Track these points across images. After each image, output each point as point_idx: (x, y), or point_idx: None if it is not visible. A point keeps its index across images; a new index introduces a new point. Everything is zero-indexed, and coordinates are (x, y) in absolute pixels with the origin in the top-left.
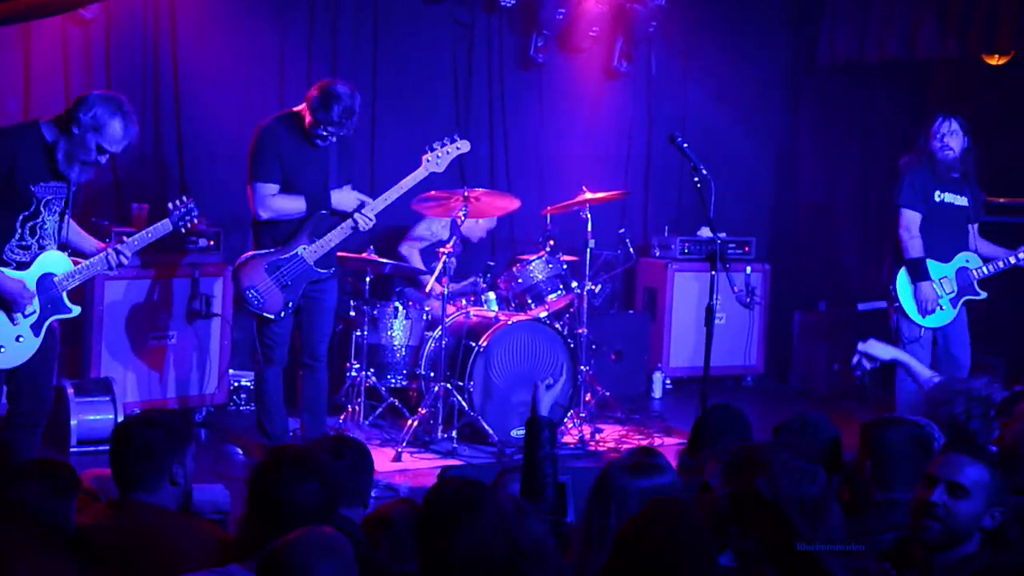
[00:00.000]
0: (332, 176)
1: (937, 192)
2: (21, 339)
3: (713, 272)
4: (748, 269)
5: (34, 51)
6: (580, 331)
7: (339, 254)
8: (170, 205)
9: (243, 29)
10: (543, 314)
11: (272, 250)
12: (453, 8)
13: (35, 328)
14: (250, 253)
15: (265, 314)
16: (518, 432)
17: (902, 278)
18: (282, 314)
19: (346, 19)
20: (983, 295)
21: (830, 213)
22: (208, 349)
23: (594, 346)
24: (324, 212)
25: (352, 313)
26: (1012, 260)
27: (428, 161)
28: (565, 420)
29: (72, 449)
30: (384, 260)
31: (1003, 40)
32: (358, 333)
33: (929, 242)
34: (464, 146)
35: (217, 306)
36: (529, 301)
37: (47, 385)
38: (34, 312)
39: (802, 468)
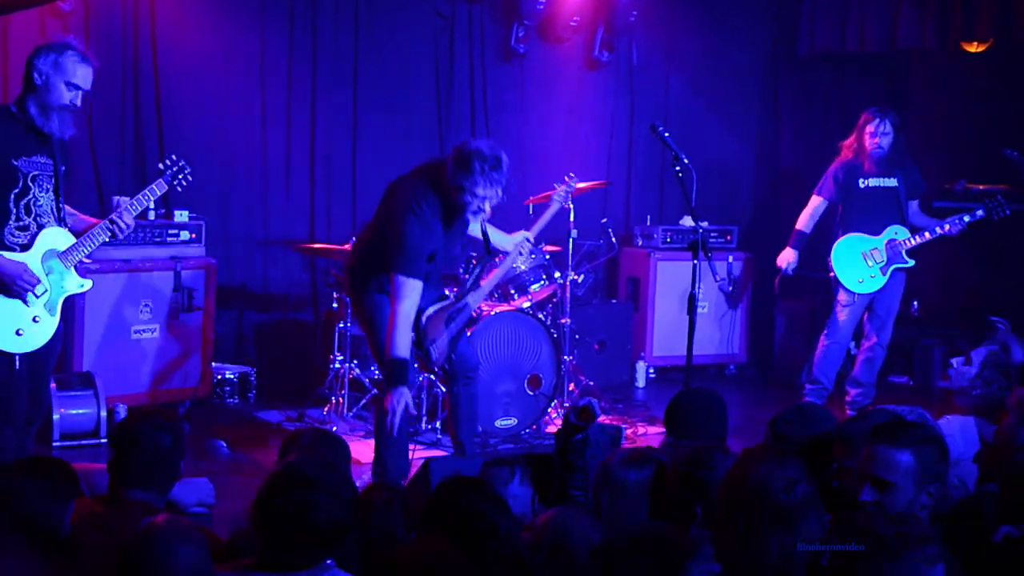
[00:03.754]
0: None
1: (861, 179)
2: (38, 320)
3: (695, 261)
4: (730, 258)
5: (11, 43)
6: (563, 321)
7: (320, 246)
8: (161, 165)
9: (223, 21)
10: (526, 304)
11: (448, 301)
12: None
13: (49, 308)
14: (436, 306)
15: (435, 368)
16: (502, 422)
17: (837, 251)
18: (444, 368)
19: (326, 10)
20: (910, 263)
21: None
22: (191, 342)
23: (577, 336)
24: (488, 257)
25: (335, 304)
26: (939, 230)
27: (555, 199)
28: (549, 410)
29: (55, 444)
30: None
31: (982, 28)
32: (341, 324)
33: (862, 219)
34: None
35: (200, 299)
36: (512, 291)
37: (45, 383)
38: (46, 291)
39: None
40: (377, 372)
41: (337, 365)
